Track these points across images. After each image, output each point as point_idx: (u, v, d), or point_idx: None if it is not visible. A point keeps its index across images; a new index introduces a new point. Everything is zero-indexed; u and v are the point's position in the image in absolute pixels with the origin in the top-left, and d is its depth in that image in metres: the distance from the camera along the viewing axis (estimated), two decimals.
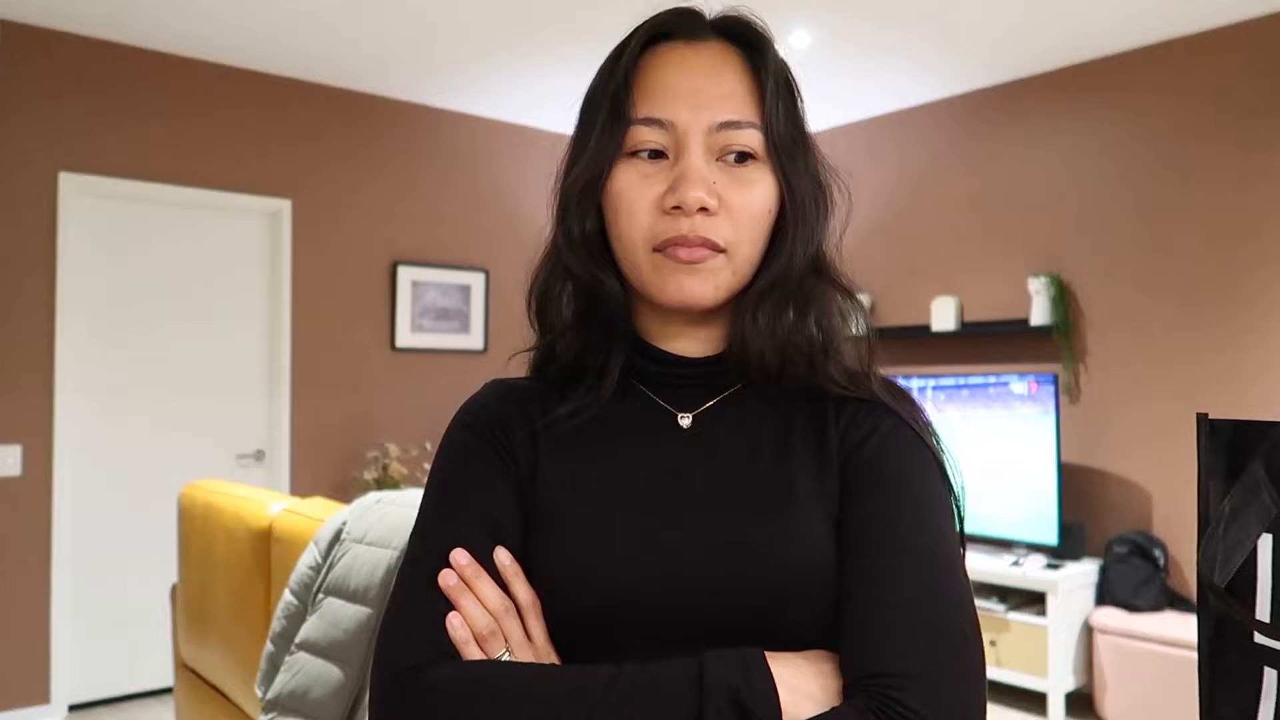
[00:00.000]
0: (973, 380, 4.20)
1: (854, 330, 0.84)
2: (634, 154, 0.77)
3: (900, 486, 0.74)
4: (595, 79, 0.82)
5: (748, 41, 0.80)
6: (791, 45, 3.89)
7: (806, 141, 0.81)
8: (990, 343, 4.43)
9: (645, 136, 0.76)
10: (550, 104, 4.75)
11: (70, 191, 3.84)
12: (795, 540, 0.73)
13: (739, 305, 0.80)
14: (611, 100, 0.77)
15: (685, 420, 0.81)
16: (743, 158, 0.77)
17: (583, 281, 0.80)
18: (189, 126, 4.12)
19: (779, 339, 0.79)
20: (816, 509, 0.75)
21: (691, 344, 0.82)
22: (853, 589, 0.70)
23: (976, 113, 4.53)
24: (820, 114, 4.78)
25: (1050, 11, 3.63)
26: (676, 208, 0.74)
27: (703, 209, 0.74)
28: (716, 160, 0.76)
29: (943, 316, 4.49)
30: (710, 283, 0.76)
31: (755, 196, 0.77)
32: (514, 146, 5.08)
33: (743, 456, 0.78)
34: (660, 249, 0.76)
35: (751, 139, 0.77)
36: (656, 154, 0.77)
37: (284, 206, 4.36)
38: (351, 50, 4.08)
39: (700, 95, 0.76)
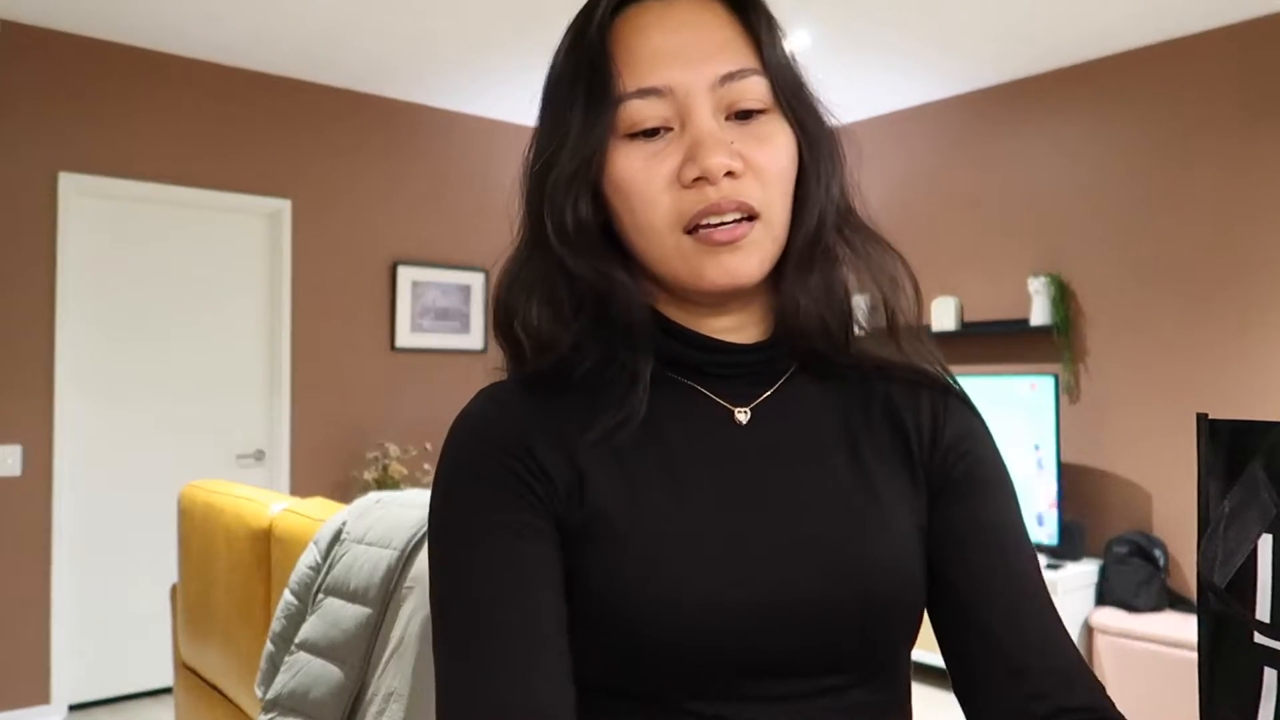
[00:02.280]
0: (973, 380, 4.20)
1: (906, 287, 0.76)
2: (631, 136, 0.68)
3: (1010, 489, 0.74)
4: (559, 57, 0.72)
5: None
6: (791, 46, 3.89)
7: (806, 82, 0.74)
8: (990, 343, 4.43)
9: (643, 113, 0.67)
10: None
11: (70, 191, 3.84)
12: (890, 545, 0.68)
13: (782, 273, 0.71)
14: (590, 76, 0.68)
15: (743, 415, 0.72)
16: (753, 111, 0.69)
17: (588, 281, 0.70)
18: (189, 126, 4.12)
19: (837, 299, 0.73)
20: (901, 507, 0.70)
21: (728, 329, 0.73)
22: (1007, 593, 0.69)
23: (976, 112, 4.53)
24: None
25: (1050, 11, 3.63)
26: (699, 179, 0.66)
27: (728, 174, 0.66)
28: (726, 119, 0.68)
29: (943, 316, 4.49)
30: (755, 256, 0.68)
31: (778, 150, 0.69)
32: (514, 146, 5.06)
33: (812, 453, 0.71)
34: (692, 229, 0.67)
35: (758, 89, 0.68)
36: (656, 130, 0.67)
37: (284, 206, 4.36)
38: (351, 50, 4.07)
39: (693, 50, 0.67)
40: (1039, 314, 4.15)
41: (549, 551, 0.65)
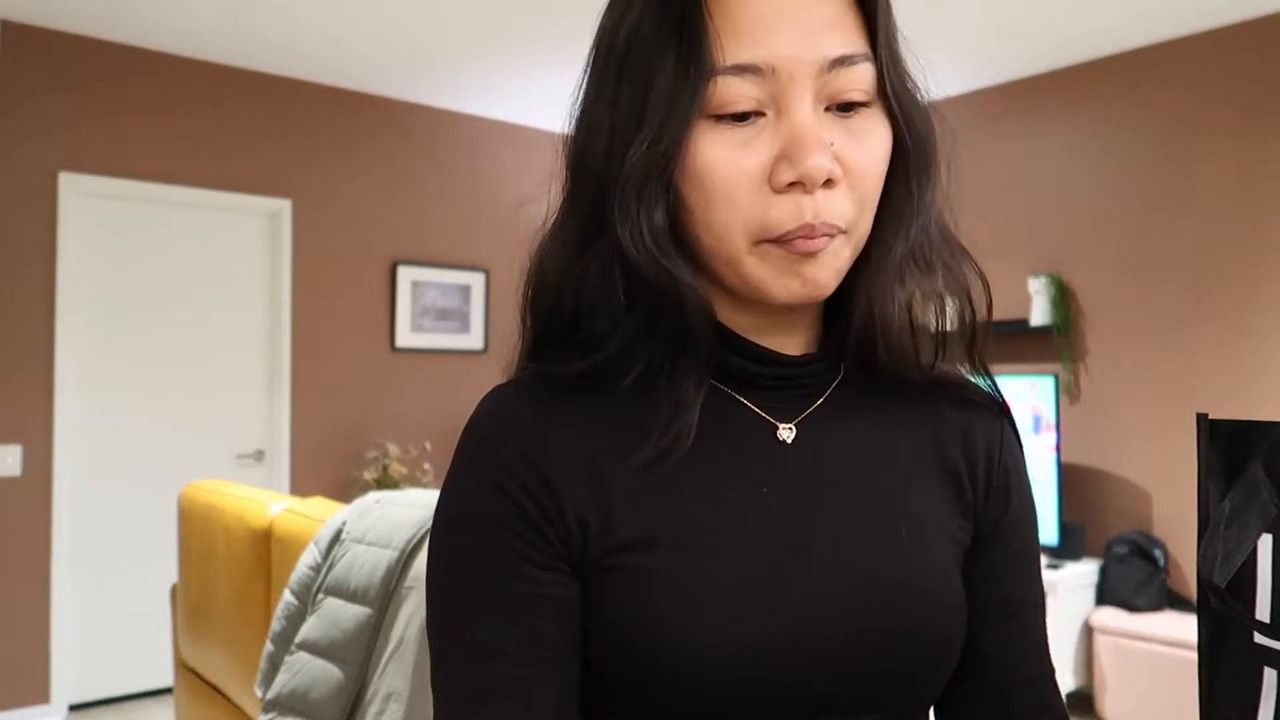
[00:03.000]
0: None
1: (984, 303, 0.70)
2: (717, 116, 0.57)
3: (1035, 517, 0.73)
4: (633, 10, 0.60)
5: None
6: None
7: (912, 69, 0.64)
8: (990, 343, 4.42)
9: (737, 92, 0.57)
10: (550, 104, 4.75)
11: (70, 191, 3.84)
12: (936, 579, 0.65)
13: (867, 283, 0.64)
14: (680, 38, 0.57)
15: (788, 433, 0.65)
16: (856, 104, 0.59)
17: (651, 282, 0.60)
18: (189, 126, 4.12)
19: (921, 316, 0.66)
20: (945, 537, 0.67)
21: (774, 330, 0.66)
22: (1028, 610, 0.71)
23: (977, 112, 4.53)
24: None
25: (1050, 11, 3.63)
26: (795, 184, 0.57)
27: (825, 181, 0.58)
28: (825, 109, 0.59)
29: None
30: (832, 268, 0.60)
31: (875, 153, 0.60)
32: (514, 146, 5.08)
33: (858, 477, 0.66)
34: (773, 240, 0.59)
35: (866, 79, 0.59)
36: (746, 114, 0.58)
37: (284, 206, 4.36)
38: (351, 50, 4.08)
39: (802, 23, 0.57)
40: (1039, 314, 4.15)
41: (560, 596, 0.60)
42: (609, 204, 0.60)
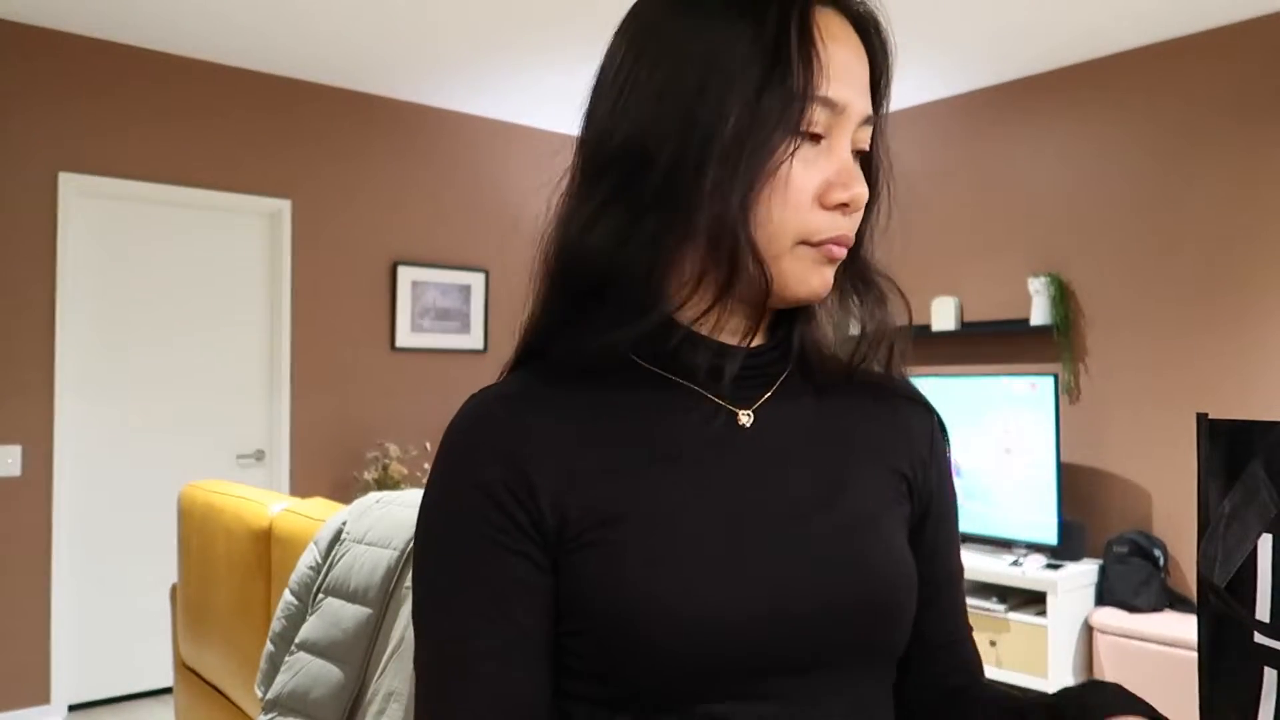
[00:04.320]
0: (973, 380, 4.20)
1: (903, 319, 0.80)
2: (799, 132, 0.66)
3: (955, 500, 0.83)
4: (708, 30, 0.66)
5: (857, 14, 0.70)
6: None
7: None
8: (990, 343, 4.43)
9: (819, 117, 0.66)
10: (550, 104, 4.75)
11: (70, 191, 3.84)
12: (886, 549, 0.72)
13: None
14: (777, 60, 0.64)
15: (746, 418, 0.72)
16: (859, 153, 0.71)
17: (734, 253, 0.66)
18: (189, 126, 4.12)
19: (846, 330, 0.77)
20: (893, 511, 0.75)
21: (738, 335, 0.73)
22: (954, 582, 0.81)
23: (976, 113, 4.53)
24: None
25: (1050, 11, 3.63)
26: (844, 204, 0.67)
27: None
28: None
29: (943, 316, 4.49)
30: (835, 274, 0.72)
31: (866, 193, 0.72)
32: (514, 146, 5.08)
33: (812, 457, 0.73)
34: (811, 244, 0.68)
35: (870, 136, 0.71)
36: (819, 137, 0.67)
37: (284, 206, 4.36)
38: (352, 50, 4.08)
39: (860, 80, 0.68)
40: (1039, 314, 4.15)
41: (535, 582, 0.65)
42: (683, 189, 0.65)
